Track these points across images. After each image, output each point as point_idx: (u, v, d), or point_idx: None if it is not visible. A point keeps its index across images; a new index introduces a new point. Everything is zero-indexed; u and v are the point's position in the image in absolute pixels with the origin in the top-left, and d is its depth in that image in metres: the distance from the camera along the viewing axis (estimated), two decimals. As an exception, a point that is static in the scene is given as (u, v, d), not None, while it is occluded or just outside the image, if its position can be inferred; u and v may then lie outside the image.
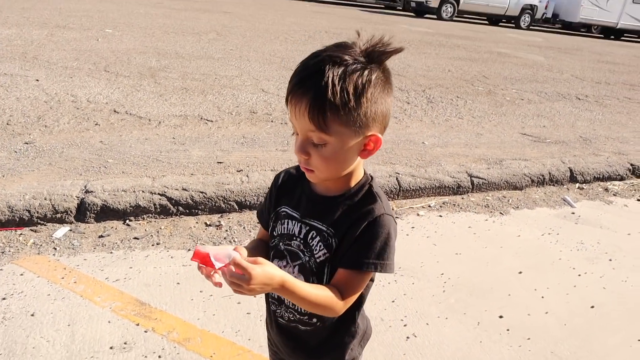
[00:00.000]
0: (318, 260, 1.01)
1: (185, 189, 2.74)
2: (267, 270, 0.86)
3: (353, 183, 1.02)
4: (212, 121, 4.03)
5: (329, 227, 1.00)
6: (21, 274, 2.18)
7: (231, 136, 3.75)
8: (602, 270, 2.64)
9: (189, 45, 7.13)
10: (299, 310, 1.06)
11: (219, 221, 2.71)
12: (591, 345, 2.05)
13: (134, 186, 2.71)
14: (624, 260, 2.77)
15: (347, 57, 0.87)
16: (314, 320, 1.06)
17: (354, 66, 0.87)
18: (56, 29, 7.28)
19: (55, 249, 2.40)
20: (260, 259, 0.88)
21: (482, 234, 2.91)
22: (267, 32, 9.37)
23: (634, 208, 3.55)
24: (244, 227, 2.69)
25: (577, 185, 3.82)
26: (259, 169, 3.10)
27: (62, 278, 2.18)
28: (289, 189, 1.09)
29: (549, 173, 3.74)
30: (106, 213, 2.63)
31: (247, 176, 2.95)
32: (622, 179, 4.04)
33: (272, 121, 4.20)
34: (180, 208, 2.71)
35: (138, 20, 8.99)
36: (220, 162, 3.17)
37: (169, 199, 2.69)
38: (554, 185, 3.76)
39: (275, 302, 1.10)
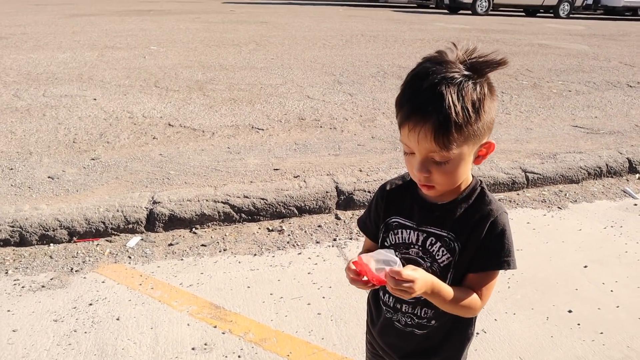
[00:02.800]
0: (442, 265, 1.05)
1: (246, 197, 2.85)
2: (425, 276, 0.95)
3: (463, 187, 1.05)
4: (263, 129, 4.15)
5: (450, 232, 1.04)
6: (102, 282, 2.33)
7: (283, 143, 3.85)
8: (672, 262, 2.57)
9: (231, 56, 7.34)
10: (418, 313, 1.10)
11: (281, 226, 2.80)
12: (668, 338, 2.01)
13: (198, 195, 2.84)
14: (695, 251, 2.68)
15: (456, 75, 0.89)
16: (433, 322, 1.10)
17: (466, 83, 0.89)
18: (105, 50, 7.65)
19: (130, 257, 2.54)
20: (411, 266, 0.95)
21: (541, 229, 2.88)
22: (305, 39, 9.50)
23: (701, 197, 3.42)
24: (305, 231, 2.77)
25: (638, 175, 3.71)
26: (315, 174, 3.18)
27: (140, 285, 2.31)
28: (397, 199, 1.13)
29: (606, 165, 3.65)
30: (173, 222, 2.76)
31: (305, 182, 3.03)
32: (684, 167, 3.89)
33: (321, 127, 4.28)
34: (243, 215, 2.81)
35: (180, 36, 9.31)
36: (276, 169, 3.27)
37: (232, 207, 2.80)
38: (612, 177, 3.66)
39: (391, 310, 1.14)
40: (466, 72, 0.90)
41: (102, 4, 17.69)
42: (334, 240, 2.69)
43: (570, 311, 2.16)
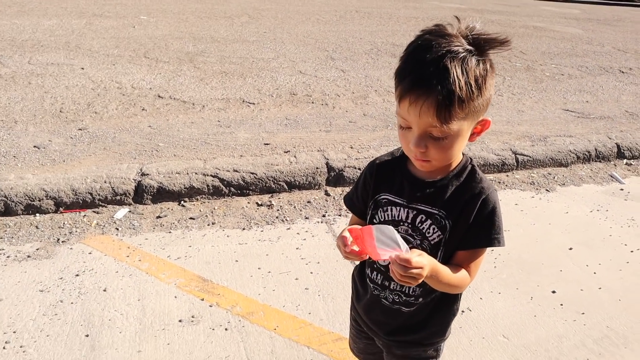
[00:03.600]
0: (432, 243, 1.04)
1: (236, 170, 2.82)
2: (430, 260, 0.94)
3: (455, 164, 1.04)
4: (254, 104, 4.10)
5: (441, 210, 1.03)
6: (89, 253, 2.31)
7: (274, 118, 3.81)
8: (655, 246, 2.61)
9: (222, 29, 7.20)
10: (406, 291, 1.10)
11: (270, 201, 2.79)
12: (647, 320, 2.06)
13: (187, 168, 2.81)
14: (677, 236, 2.73)
15: (459, 48, 0.87)
16: (420, 300, 1.11)
17: (470, 57, 0.87)
18: (94, 18, 7.46)
19: (118, 229, 2.52)
20: (417, 250, 0.93)
21: (529, 211, 2.91)
22: (298, 14, 9.35)
23: (686, 183, 3.47)
24: (294, 207, 2.76)
25: (625, 161, 3.75)
26: (306, 150, 3.16)
27: (127, 256, 2.30)
28: (387, 176, 1.11)
29: (595, 149, 3.68)
30: (162, 195, 2.74)
31: (295, 157, 3.01)
32: (671, 153, 3.93)
33: (312, 102, 4.24)
34: (232, 189, 2.80)
35: (171, 6, 9.10)
36: (267, 144, 3.24)
37: (221, 180, 2.78)
38: (600, 161, 3.69)
39: (378, 287, 1.14)
40: (469, 47, 0.88)
41: (91, -30, 17.20)
42: (323, 216, 2.70)
43: (554, 292, 2.19)
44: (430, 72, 0.86)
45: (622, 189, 3.30)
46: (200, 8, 9.14)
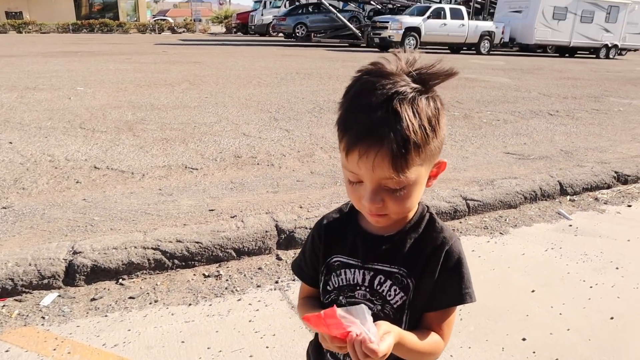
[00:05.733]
0: (395, 306, 0.91)
1: (179, 241, 2.62)
2: (394, 332, 0.81)
3: (411, 215, 0.94)
4: (197, 169, 3.94)
5: (401, 267, 0.91)
6: (6, 351, 2.00)
7: (219, 182, 3.66)
8: (611, 279, 2.60)
9: (163, 96, 7.10)
10: None
11: (218, 271, 2.59)
12: (621, 359, 1.98)
13: (125, 242, 2.58)
14: (631, 267, 2.74)
15: (406, 88, 0.78)
16: None
17: (419, 97, 0.79)
18: (26, 91, 7.18)
19: (44, 317, 2.23)
20: (380, 324, 0.80)
21: (487, 256, 2.86)
22: (239, 78, 9.44)
23: (627, 214, 3.57)
24: (244, 275, 2.57)
25: (569, 197, 3.84)
26: (253, 213, 3.01)
27: (54, 349, 2.01)
28: (337, 236, 0.99)
29: (540, 188, 3.75)
30: (97, 274, 2.48)
31: (242, 221, 2.85)
32: (609, 187, 4.08)
33: (258, 164, 4.14)
34: (176, 261, 2.58)
35: (109, 77, 8.96)
36: (212, 210, 3.07)
37: (164, 253, 2.57)
38: (546, 200, 3.76)
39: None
40: (415, 85, 0.79)
41: (26, 46, 16.92)
42: (276, 282, 2.52)
43: (524, 339, 2.09)
44: (379, 118, 0.76)
45: (570, 225, 3.33)
46: (140, 77, 9.05)
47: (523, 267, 2.72)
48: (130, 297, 2.37)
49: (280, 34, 26.55)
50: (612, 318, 2.24)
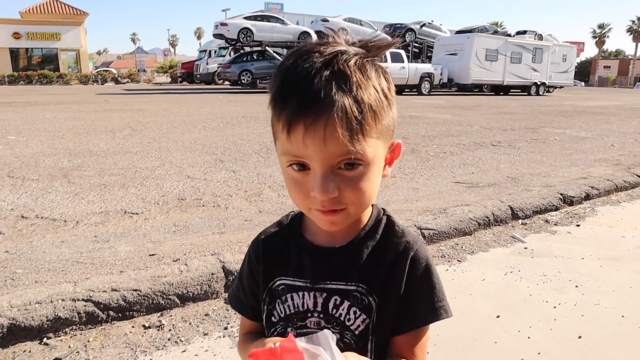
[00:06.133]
0: (357, 332, 0.75)
1: (115, 290, 2.35)
2: None
3: (365, 218, 0.79)
4: (137, 214, 3.68)
5: (359, 284, 0.75)
6: None
7: (161, 226, 3.41)
8: (573, 298, 2.55)
9: (103, 143, 6.78)
10: None
11: (160, 320, 2.32)
12: (594, 381, 1.88)
13: (51, 295, 2.28)
14: (589, 284, 2.72)
15: (350, 50, 0.67)
16: None
17: (366, 61, 0.67)
18: (-52, 145, 6.66)
19: (-49, 392, 1.89)
20: (348, 356, 0.63)
21: (447, 285, 2.74)
22: (184, 123, 9.24)
23: (577, 234, 3.60)
24: (189, 323, 2.32)
25: (520, 221, 3.85)
26: (198, 256, 2.78)
27: None
28: (279, 253, 0.83)
29: (492, 214, 3.75)
30: (16, 334, 2.16)
31: (186, 265, 2.62)
32: (557, 209, 4.15)
33: (203, 205, 3.92)
34: (111, 312, 2.30)
35: (45, 125, 8.53)
36: (152, 255, 2.82)
37: (97, 304, 2.28)
38: (499, 224, 3.75)
39: None
40: (359, 49, 0.68)
41: (-47, 101, 15.99)
42: (225, 329, 2.28)
43: (494, 368, 1.96)
44: (324, 80, 0.63)
45: (526, 248, 3.31)
46: (79, 125, 8.67)
47: (485, 293, 2.62)
48: (56, 359, 2.07)
49: (226, 82, 26.64)
50: (579, 337, 2.16)
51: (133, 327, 2.30)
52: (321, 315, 0.77)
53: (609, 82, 64.08)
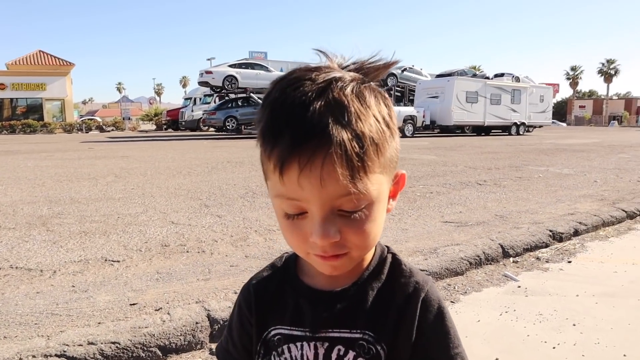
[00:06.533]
0: None
1: (91, 343, 2.21)
2: None
3: (368, 258, 0.72)
4: (118, 261, 3.54)
5: (365, 331, 0.68)
6: None
7: (143, 274, 3.27)
8: (572, 337, 2.46)
9: (85, 190, 6.66)
10: None
11: (139, 375, 2.18)
12: None
13: (20, 352, 2.12)
14: (586, 323, 2.64)
15: (343, 75, 0.60)
16: None
17: (363, 86, 0.61)
18: None
19: None
20: None
21: (441, 327, 2.65)
22: (169, 169, 9.17)
23: (570, 270, 3.55)
24: (171, 376, 2.18)
25: (512, 259, 3.79)
26: (182, 304, 2.65)
27: None
28: (273, 299, 0.75)
29: (483, 252, 3.69)
30: (-17, 396, 2.00)
31: (169, 314, 2.49)
32: (547, 245, 4.11)
33: (187, 251, 3.80)
34: (87, 368, 2.15)
35: (26, 173, 8.38)
36: (133, 304, 2.68)
37: (71, 359, 2.14)
38: (490, 263, 3.68)
39: None
40: (354, 74, 0.62)
41: None
42: (211, 381, 2.14)
43: (496, 417, 1.85)
44: (319, 112, 0.57)
45: (519, 286, 3.24)
46: (61, 172, 8.54)
47: (481, 335, 2.52)
48: (24, 422, 1.90)
49: (211, 128, 26.81)
50: (582, 380, 2.07)
51: (110, 383, 2.14)
52: None
53: (585, 121, 66.17)
